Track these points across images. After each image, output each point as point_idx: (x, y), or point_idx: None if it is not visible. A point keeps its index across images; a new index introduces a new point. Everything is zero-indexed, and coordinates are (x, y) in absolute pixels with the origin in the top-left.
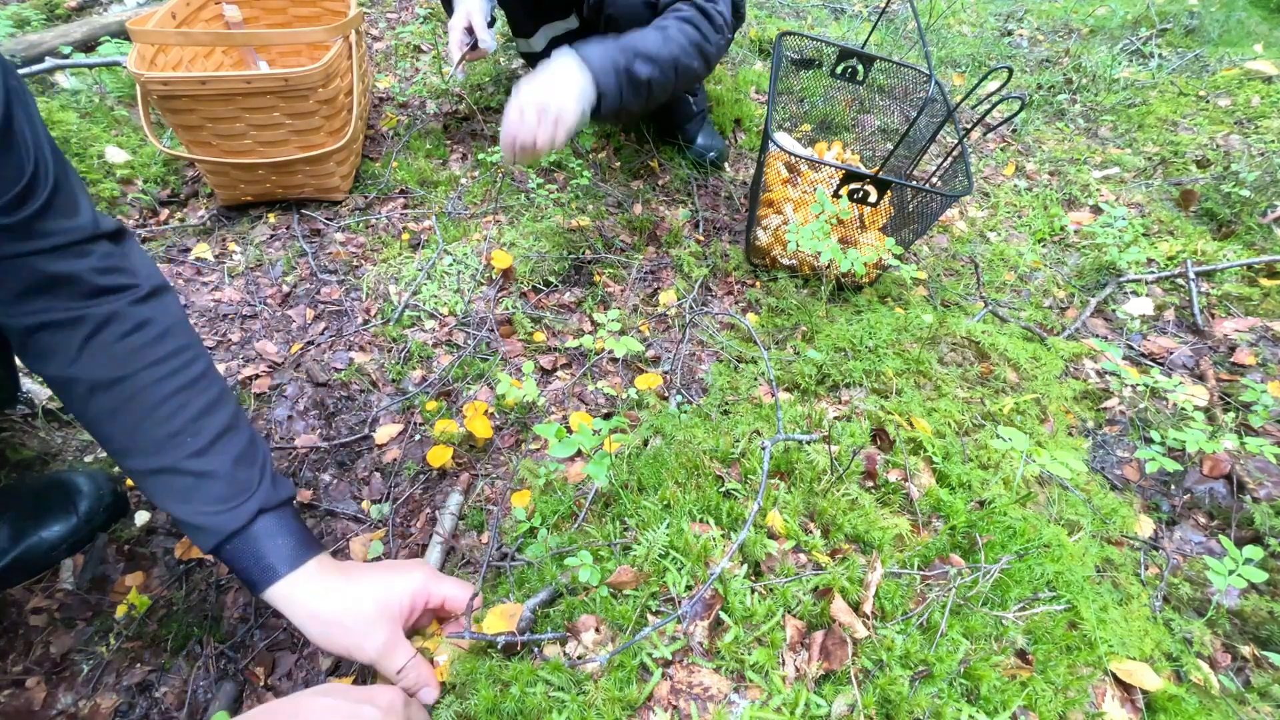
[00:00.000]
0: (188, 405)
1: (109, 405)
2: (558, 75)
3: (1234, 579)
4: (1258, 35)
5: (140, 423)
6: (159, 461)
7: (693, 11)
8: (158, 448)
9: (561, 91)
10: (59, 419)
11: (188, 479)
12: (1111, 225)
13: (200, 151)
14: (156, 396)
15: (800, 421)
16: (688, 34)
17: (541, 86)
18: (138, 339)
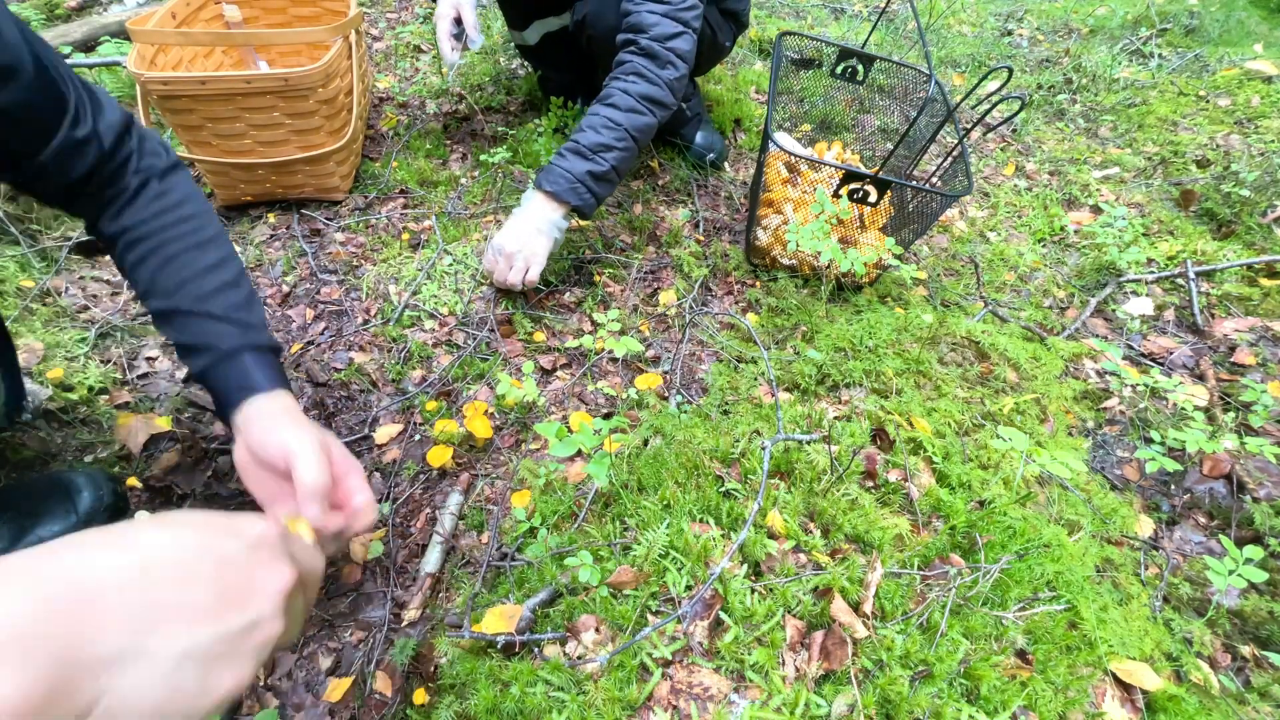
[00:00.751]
0: (197, 260)
1: (138, 256)
2: (527, 221)
3: (1234, 579)
4: (1258, 35)
5: (159, 271)
6: (170, 304)
7: (638, 60)
8: (169, 292)
9: (529, 239)
10: (59, 419)
11: (191, 318)
12: (1111, 225)
13: (200, 151)
14: (172, 250)
15: (800, 421)
16: (635, 92)
17: (511, 237)
18: (160, 204)
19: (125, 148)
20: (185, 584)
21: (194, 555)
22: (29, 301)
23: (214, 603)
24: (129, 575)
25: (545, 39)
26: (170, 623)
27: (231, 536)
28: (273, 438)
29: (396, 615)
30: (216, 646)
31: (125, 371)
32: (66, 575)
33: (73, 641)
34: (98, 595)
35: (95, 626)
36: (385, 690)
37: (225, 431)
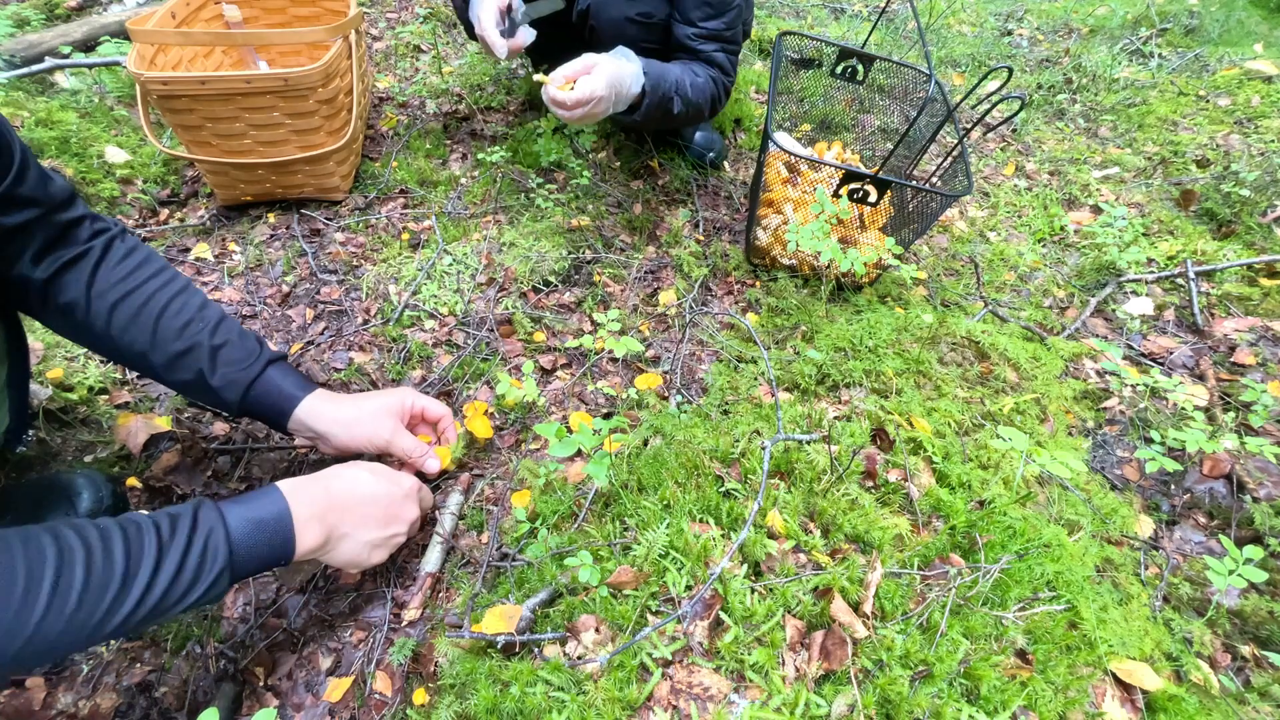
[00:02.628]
0: (189, 303)
1: (128, 314)
2: (627, 73)
3: (1234, 579)
4: (1258, 35)
5: (158, 320)
6: (183, 344)
7: (718, 72)
8: (177, 335)
9: (629, 89)
10: (59, 419)
11: (207, 351)
12: (1111, 225)
13: (200, 151)
14: (163, 299)
15: (800, 421)
16: (712, 89)
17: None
18: (132, 261)
19: (75, 209)
20: (375, 507)
21: (382, 493)
22: None
23: (383, 520)
24: (358, 498)
25: (545, 36)
26: (366, 525)
27: (396, 485)
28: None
29: (396, 615)
30: (378, 540)
31: (125, 371)
32: (337, 490)
33: (333, 521)
34: (344, 505)
35: (341, 518)
36: (385, 690)
37: (225, 431)
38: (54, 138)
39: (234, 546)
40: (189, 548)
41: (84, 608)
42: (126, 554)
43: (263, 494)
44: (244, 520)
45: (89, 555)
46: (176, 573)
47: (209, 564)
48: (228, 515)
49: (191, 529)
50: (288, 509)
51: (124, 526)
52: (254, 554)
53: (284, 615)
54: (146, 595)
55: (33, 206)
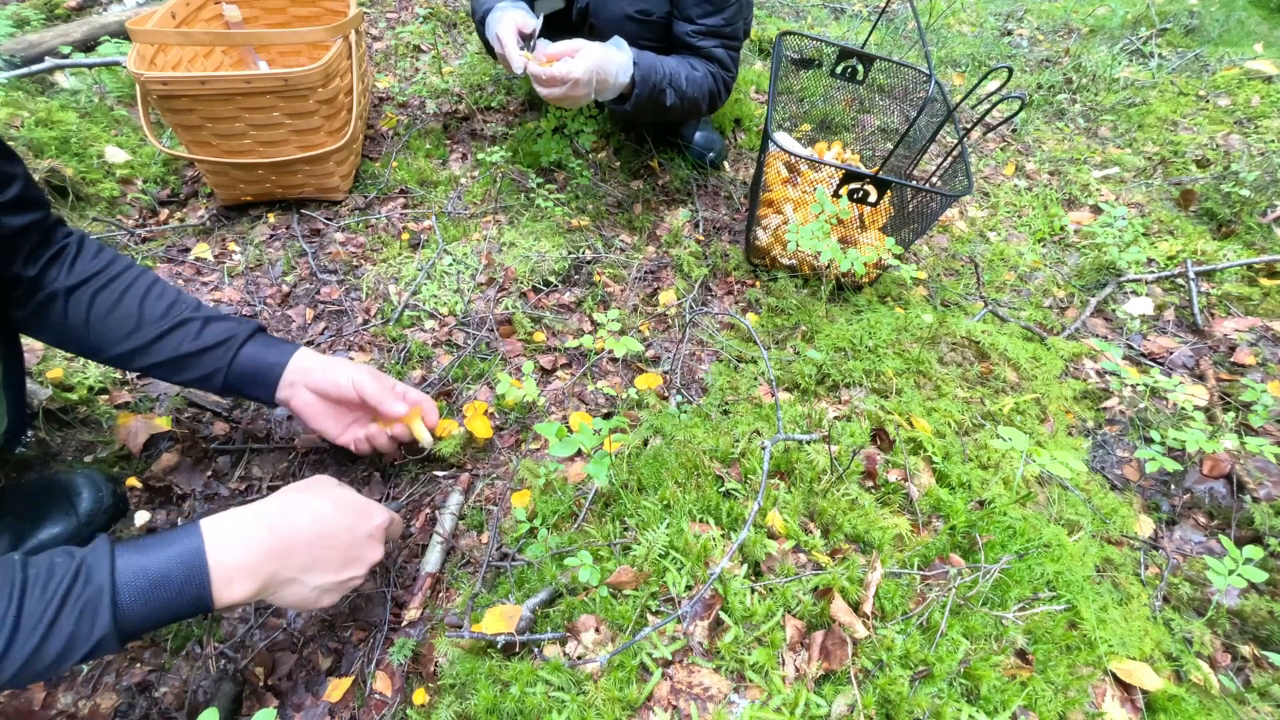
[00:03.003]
0: (167, 287)
1: (110, 299)
2: (615, 62)
3: (1234, 579)
4: (1258, 35)
5: (142, 301)
6: (173, 319)
7: (718, 67)
8: (165, 311)
9: (615, 78)
10: (59, 419)
11: (197, 323)
12: (1111, 225)
13: (200, 151)
14: (144, 283)
15: (800, 421)
16: (710, 84)
17: (604, 65)
18: (105, 255)
19: (53, 209)
20: (332, 549)
21: (342, 531)
22: None
23: (339, 563)
24: (312, 538)
25: (545, 35)
26: (318, 568)
27: (362, 520)
28: (336, 376)
29: (396, 615)
30: (331, 585)
31: (125, 372)
32: (285, 531)
33: (274, 569)
34: (290, 549)
35: (285, 564)
36: (385, 690)
37: (225, 431)
38: (54, 138)
39: (121, 610)
40: (60, 614)
41: None
42: None
43: (175, 542)
44: (141, 577)
45: None
46: (41, 642)
47: (84, 632)
48: (120, 571)
49: (67, 590)
50: (203, 561)
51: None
52: (152, 614)
53: (284, 615)
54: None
55: (36, 209)
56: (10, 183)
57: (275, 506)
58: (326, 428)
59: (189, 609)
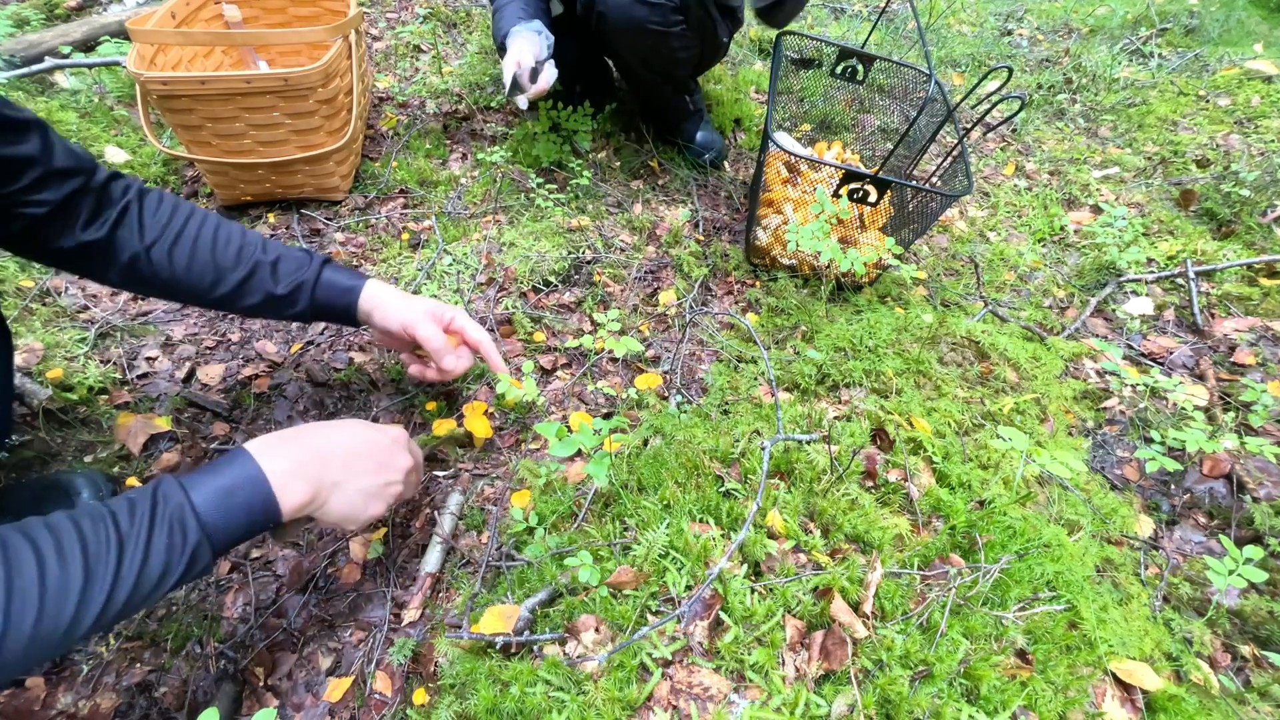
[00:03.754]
0: (231, 231)
1: (186, 251)
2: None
3: (1234, 579)
4: (1258, 35)
5: (215, 252)
6: (246, 268)
7: None
8: (235, 262)
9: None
10: (58, 419)
11: (268, 269)
12: (1111, 225)
13: (200, 151)
14: (209, 234)
15: (800, 421)
16: None
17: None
18: (166, 206)
19: (102, 170)
20: (362, 454)
21: (366, 439)
22: (29, 301)
23: (374, 467)
24: (340, 446)
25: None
26: (357, 472)
27: (380, 433)
28: (388, 322)
29: (396, 615)
30: (373, 489)
31: (125, 371)
32: (314, 443)
33: (317, 473)
34: (326, 456)
35: (326, 469)
36: (385, 690)
37: (225, 431)
38: None
39: (205, 521)
40: (152, 533)
41: (45, 619)
42: (84, 552)
43: (229, 459)
44: (212, 490)
45: (40, 561)
46: (144, 562)
47: (179, 545)
48: (192, 489)
49: (152, 513)
50: (260, 470)
51: (77, 522)
52: (232, 523)
53: (284, 615)
54: (115, 590)
55: (73, 177)
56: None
57: (298, 429)
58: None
59: (262, 516)
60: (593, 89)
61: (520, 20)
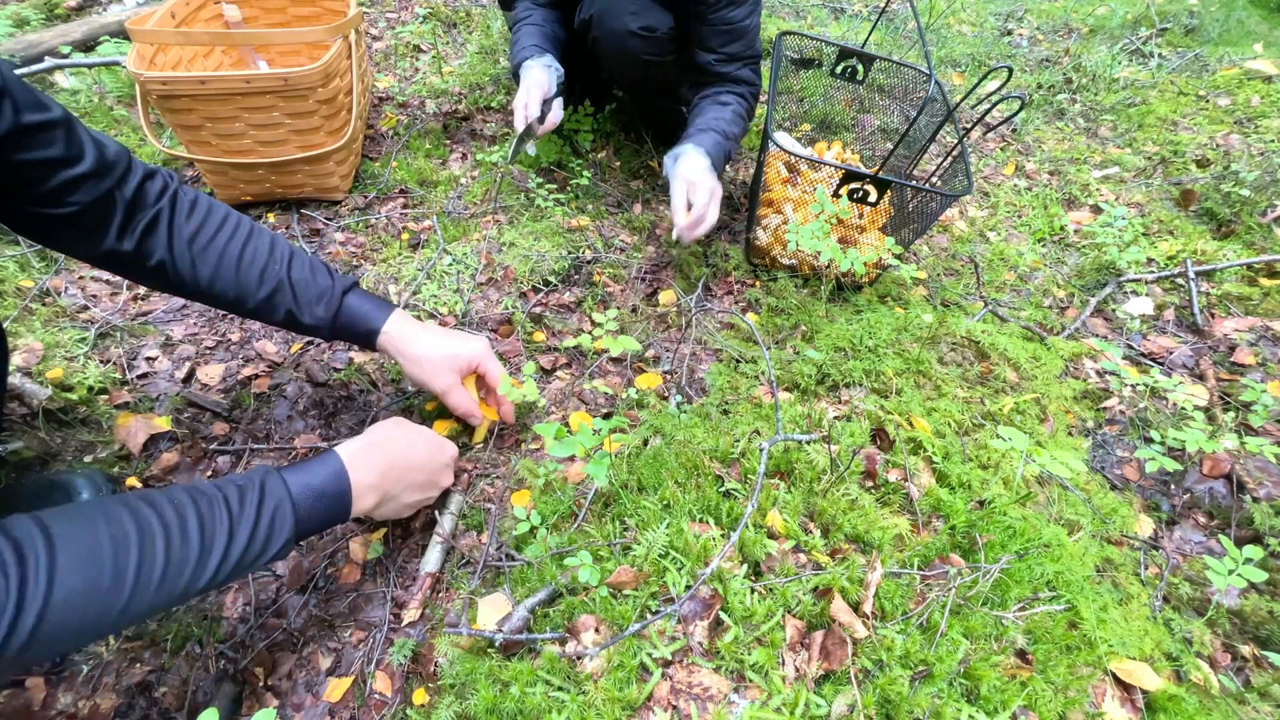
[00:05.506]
0: (259, 247)
1: (211, 266)
2: (699, 165)
3: (1234, 579)
4: (1258, 35)
5: (237, 269)
6: (268, 289)
7: (745, 88)
8: (259, 280)
9: (711, 175)
10: (58, 419)
11: (289, 290)
12: (1111, 225)
13: (200, 151)
14: (236, 249)
15: (800, 421)
16: (742, 107)
17: (698, 177)
18: (198, 213)
19: (136, 170)
20: (422, 474)
21: (429, 461)
22: (29, 301)
23: (424, 485)
24: (410, 465)
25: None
26: (411, 489)
27: (441, 453)
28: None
29: (396, 615)
30: (417, 501)
31: (125, 371)
32: (394, 457)
33: (389, 486)
34: (400, 472)
35: (395, 483)
36: (385, 690)
37: (225, 431)
38: None
39: (299, 516)
40: (258, 519)
41: (167, 582)
42: (201, 530)
43: (325, 464)
44: (308, 491)
45: (167, 534)
46: (248, 543)
47: (277, 532)
48: (292, 486)
49: (260, 502)
50: (348, 481)
51: (195, 500)
52: (315, 518)
53: (284, 615)
54: (223, 564)
55: (104, 178)
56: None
57: (382, 436)
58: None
59: (337, 517)
60: (593, 89)
61: (533, 51)
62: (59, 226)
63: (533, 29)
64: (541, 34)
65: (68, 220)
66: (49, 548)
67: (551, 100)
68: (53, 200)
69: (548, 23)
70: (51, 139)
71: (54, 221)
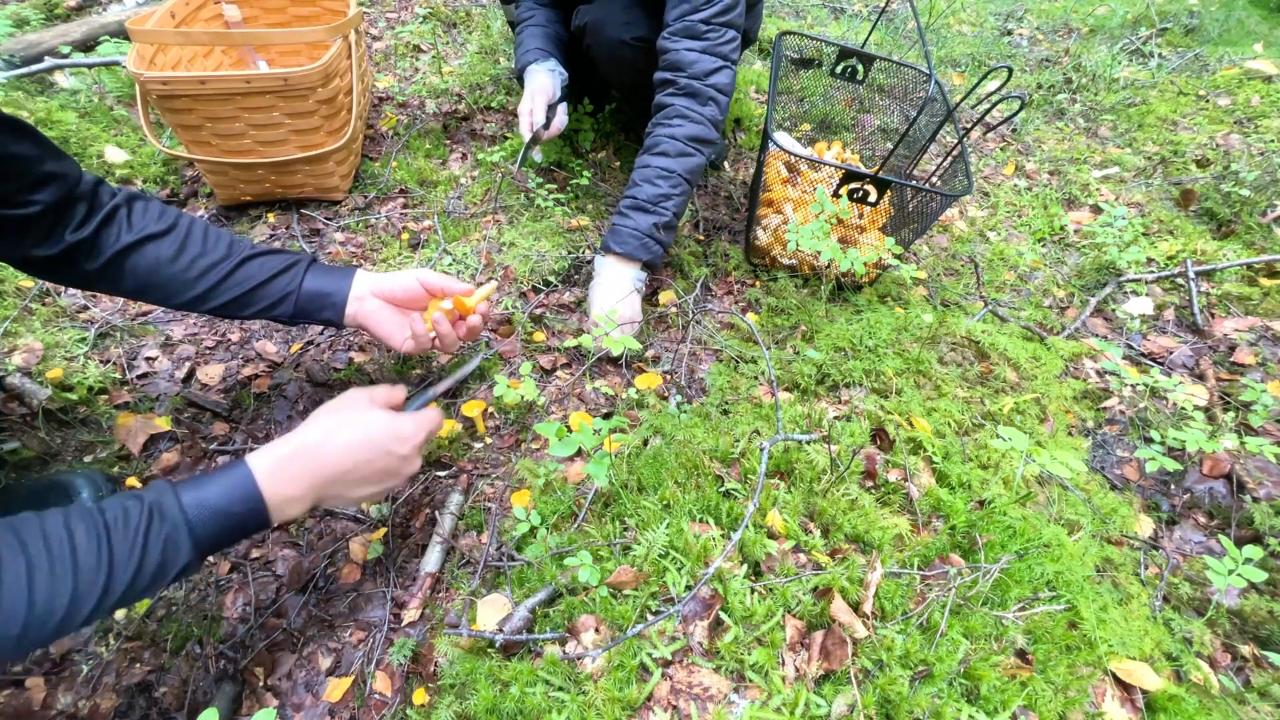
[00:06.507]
0: (221, 231)
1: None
2: (621, 287)
3: (1234, 579)
4: (1257, 35)
5: (203, 245)
6: (236, 258)
7: (679, 102)
8: (226, 252)
9: (634, 303)
10: (58, 419)
11: (254, 262)
12: (1111, 225)
13: (199, 151)
14: (199, 230)
15: (800, 421)
16: (682, 135)
17: (625, 306)
18: (154, 206)
19: (88, 175)
20: (370, 473)
21: (379, 455)
22: (29, 301)
23: (378, 479)
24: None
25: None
26: (360, 485)
27: (398, 445)
28: (401, 277)
29: (396, 615)
30: (372, 494)
31: (125, 371)
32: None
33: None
34: (334, 476)
35: (329, 487)
36: (385, 690)
37: (225, 431)
38: (54, 138)
39: (198, 539)
40: (146, 549)
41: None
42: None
43: (230, 478)
44: (209, 510)
45: (31, 569)
46: (135, 575)
47: (171, 560)
48: (189, 506)
49: (147, 529)
50: (259, 500)
51: (72, 531)
52: (223, 538)
53: (284, 615)
54: (103, 599)
55: (65, 179)
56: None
57: (316, 439)
58: (393, 333)
59: (254, 528)
60: (593, 88)
61: (538, 55)
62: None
63: (536, 30)
64: (544, 35)
65: (31, 220)
66: None
67: (556, 105)
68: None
69: (550, 23)
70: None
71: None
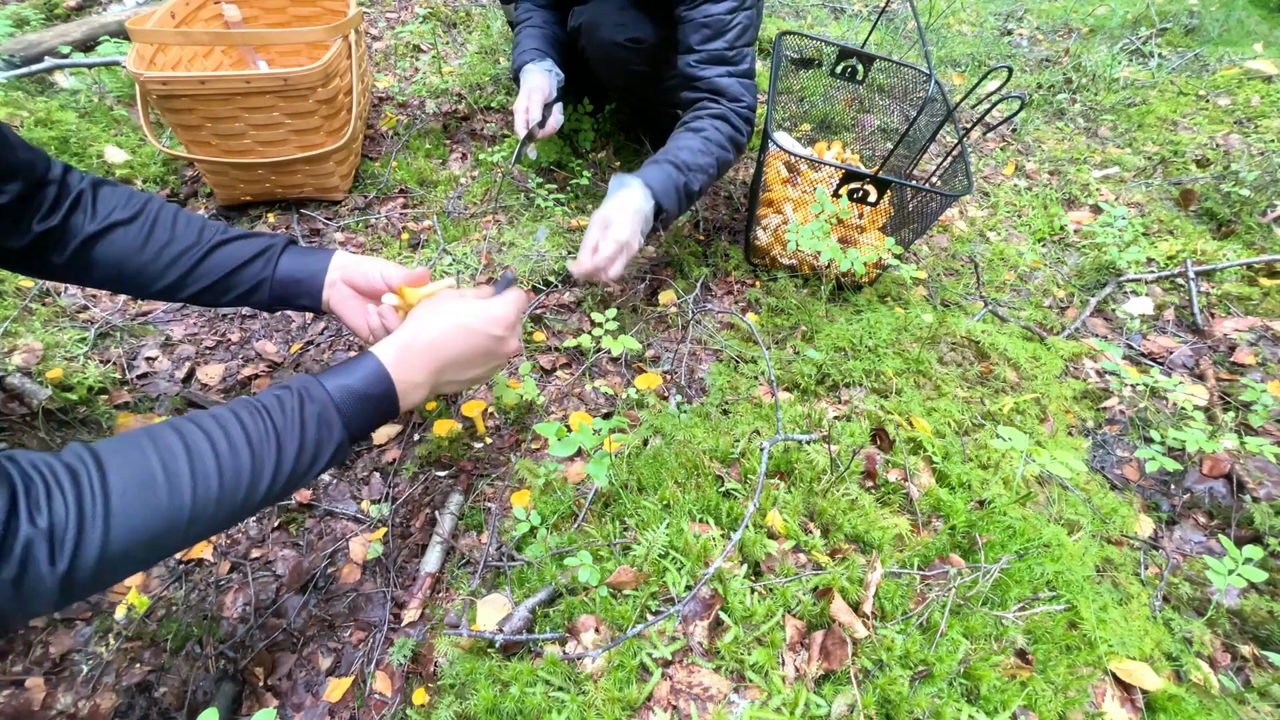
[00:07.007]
0: (192, 215)
1: (142, 234)
2: (628, 208)
3: (1234, 578)
4: (1257, 35)
5: (173, 230)
6: (208, 243)
7: (722, 107)
8: (198, 236)
9: (631, 226)
10: (58, 419)
11: (227, 248)
12: (1111, 225)
13: (199, 151)
14: (169, 214)
15: (800, 421)
16: (724, 131)
17: (616, 221)
18: (121, 190)
19: (56, 163)
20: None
21: (485, 341)
22: (29, 301)
23: (483, 362)
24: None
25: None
26: (470, 370)
27: (496, 327)
28: (366, 268)
29: (396, 615)
30: (480, 375)
31: (125, 371)
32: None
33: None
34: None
35: (445, 373)
36: (385, 690)
37: None
38: (54, 137)
39: (346, 419)
40: (304, 426)
41: (225, 496)
42: (248, 441)
43: (364, 365)
44: (350, 395)
45: (215, 449)
46: (299, 449)
47: (327, 438)
48: (334, 393)
49: (301, 408)
50: (391, 384)
51: (238, 414)
52: (364, 420)
53: (284, 615)
54: (278, 473)
55: (33, 169)
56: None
57: (424, 329)
58: (359, 323)
59: (386, 415)
60: (592, 88)
61: (534, 55)
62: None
63: (534, 31)
64: (542, 36)
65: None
66: (99, 468)
67: (552, 104)
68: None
69: (548, 24)
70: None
71: None
